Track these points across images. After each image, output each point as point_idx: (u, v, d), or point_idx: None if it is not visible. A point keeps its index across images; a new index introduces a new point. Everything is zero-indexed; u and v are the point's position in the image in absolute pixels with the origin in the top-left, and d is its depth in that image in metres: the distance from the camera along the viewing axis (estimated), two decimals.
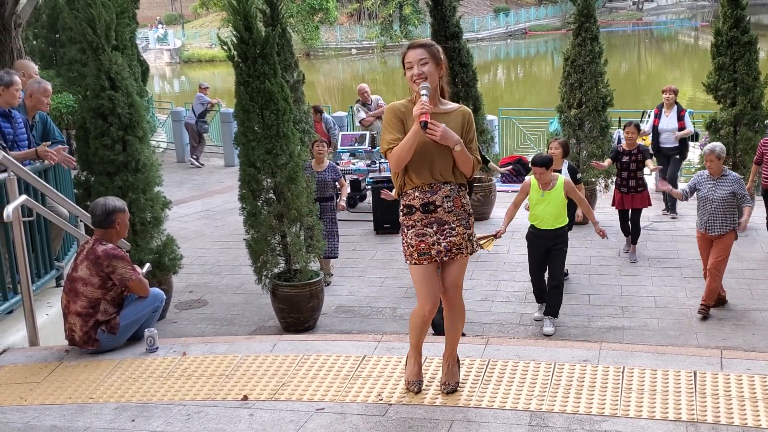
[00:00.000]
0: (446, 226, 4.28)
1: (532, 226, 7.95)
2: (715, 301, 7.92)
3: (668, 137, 11.53)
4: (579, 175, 9.01)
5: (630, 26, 74.35)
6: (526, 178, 8.02)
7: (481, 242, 7.61)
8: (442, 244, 4.28)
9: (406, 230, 4.35)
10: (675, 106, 11.60)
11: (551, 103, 12.22)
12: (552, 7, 73.35)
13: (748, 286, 8.62)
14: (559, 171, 8.44)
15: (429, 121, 4.03)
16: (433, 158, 4.22)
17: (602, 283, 8.98)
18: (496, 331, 7.72)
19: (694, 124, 14.46)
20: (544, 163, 7.61)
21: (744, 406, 4.17)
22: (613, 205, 10.14)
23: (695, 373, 4.56)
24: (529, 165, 7.88)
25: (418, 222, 4.29)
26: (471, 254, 4.38)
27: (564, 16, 64.25)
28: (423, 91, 4.11)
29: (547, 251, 7.78)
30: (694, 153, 13.48)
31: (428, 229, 4.28)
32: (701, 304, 7.86)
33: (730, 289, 8.47)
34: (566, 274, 8.82)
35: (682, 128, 11.50)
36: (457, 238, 4.29)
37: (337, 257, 9.54)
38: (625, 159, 9.79)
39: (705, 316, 7.78)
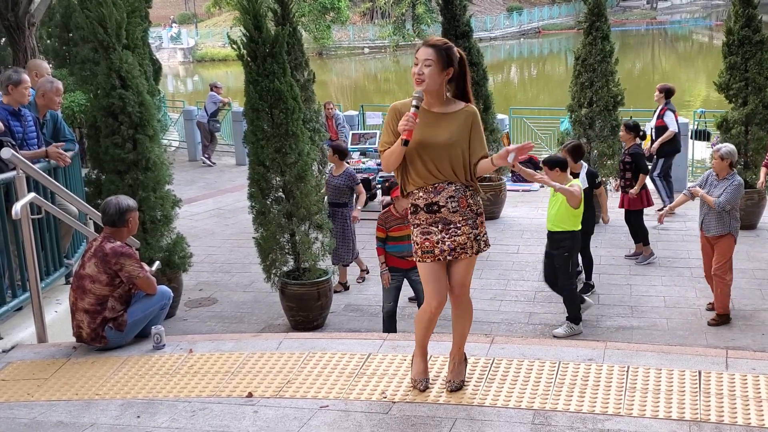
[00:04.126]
0: (451, 226, 4.28)
1: None
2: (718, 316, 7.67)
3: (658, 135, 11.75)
4: (599, 179, 8.95)
5: (644, 25, 74.16)
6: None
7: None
8: (447, 243, 4.28)
9: (413, 228, 4.39)
10: (660, 105, 11.77)
11: (564, 103, 12.18)
12: (565, 5, 73.19)
13: (759, 286, 8.58)
14: (577, 175, 8.29)
15: (409, 139, 4.10)
16: (432, 159, 4.23)
17: (612, 282, 8.95)
18: (505, 331, 7.71)
19: (706, 123, 14.47)
20: (546, 162, 7.56)
21: (748, 405, 4.15)
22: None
23: (700, 373, 4.54)
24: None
25: (423, 221, 4.32)
26: (477, 254, 4.37)
27: (577, 14, 64.08)
28: (414, 102, 4.14)
29: (549, 254, 7.66)
30: (706, 152, 13.48)
31: (433, 228, 4.29)
32: (714, 317, 7.65)
33: (740, 289, 8.42)
34: (579, 272, 8.58)
35: (660, 126, 11.57)
36: (462, 237, 4.29)
37: (345, 264, 9.19)
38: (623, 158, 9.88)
39: (717, 324, 7.61)
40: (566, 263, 7.50)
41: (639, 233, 9.66)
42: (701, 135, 14.23)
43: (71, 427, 4.44)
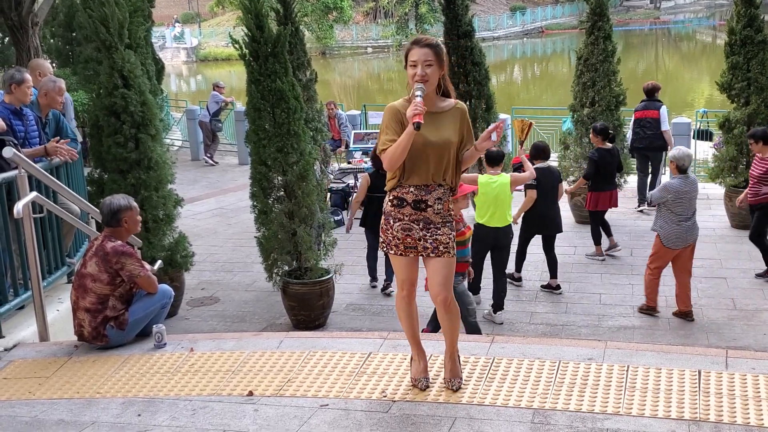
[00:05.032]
0: (431, 225, 4.32)
1: None
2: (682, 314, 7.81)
3: None
4: (530, 183, 8.53)
5: (647, 25, 74.09)
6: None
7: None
8: (429, 241, 4.32)
9: (391, 221, 4.36)
10: None
11: (567, 102, 12.18)
12: (569, 5, 73.13)
13: (760, 286, 8.57)
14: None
15: (421, 122, 4.03)
16: (430, 160, 4.24)
17: (613, 282, 8.96)
18: (507, 330, 7.72)
19: (708, 123, 14.47)
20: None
21: (747, 405, 4.16)
22: None
23: (699, 372, 4.54)
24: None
25: (406, 216, 4.32)
26: (453, 256, 4.40)
27: (581, 14, 64.02)
28: (417, 92, 4.12)
29: None
30: (708, 152, 13.46)
31: (414, 225, 4.32)
32: (673, 313, 7.84)
33: (741, 288, 8.44)
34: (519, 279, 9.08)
35: None
36: (444, 237, 4.33)
37: None
38: None
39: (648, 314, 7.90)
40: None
41: (594, 233, 9.93)
42: (703, 135, 14.23)
43: (72, 425, 4.45)
